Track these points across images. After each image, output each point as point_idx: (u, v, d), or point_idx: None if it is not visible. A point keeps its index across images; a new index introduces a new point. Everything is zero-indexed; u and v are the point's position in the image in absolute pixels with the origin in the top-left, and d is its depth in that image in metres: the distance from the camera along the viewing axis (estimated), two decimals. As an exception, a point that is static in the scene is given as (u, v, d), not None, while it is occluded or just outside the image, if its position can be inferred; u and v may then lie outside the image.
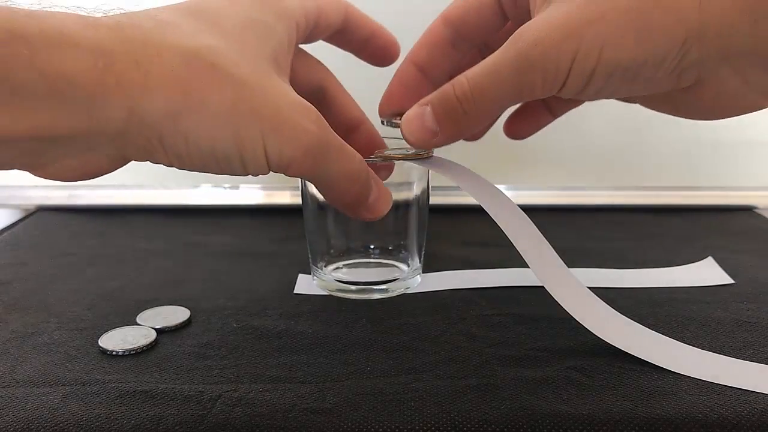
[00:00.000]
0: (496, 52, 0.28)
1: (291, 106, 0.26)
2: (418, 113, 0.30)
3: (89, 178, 0.26)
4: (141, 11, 0.25)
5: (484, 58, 0.31)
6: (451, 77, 0.34)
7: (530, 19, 0.29)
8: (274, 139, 0.25)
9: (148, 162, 0.26)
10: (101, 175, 0.26)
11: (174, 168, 0.26)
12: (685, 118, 0.32)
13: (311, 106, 0.27)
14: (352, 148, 0.29)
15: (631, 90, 0.29)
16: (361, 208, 0.30)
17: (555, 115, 0.38)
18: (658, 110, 0.33)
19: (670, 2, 0.26)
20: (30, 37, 0.21)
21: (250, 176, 0.27)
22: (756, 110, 0.30)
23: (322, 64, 0.35)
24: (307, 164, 0.27)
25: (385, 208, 0.31)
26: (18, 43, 0.20)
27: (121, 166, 0.26)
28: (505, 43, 0.28)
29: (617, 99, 0.33)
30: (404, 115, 0.31)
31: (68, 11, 0.23)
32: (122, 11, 0.25)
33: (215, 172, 0.26)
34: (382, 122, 0.35)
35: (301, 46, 0.33)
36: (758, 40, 0.26)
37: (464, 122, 0.30)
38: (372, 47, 0.35)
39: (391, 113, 0.35)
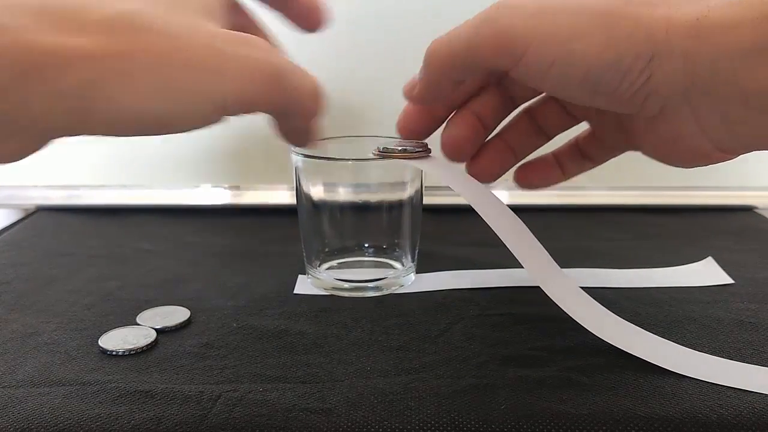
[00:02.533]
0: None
1: (231, 41, 0.24)
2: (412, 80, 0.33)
3: (16, 159, 0.24)
4: None
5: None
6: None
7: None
8: (221, 80, 0.24)
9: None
10: (29, 154, 0.24)
11: (108, 135, 0.24)
12: (646, 154, 0.33)
13: (253, 36, 0.26)
14: (300, 66, 0.27)
15: (593, 99, 0.29)
16: (310, 135, 0.30)
17: (566, 173, 0.38)
18: (618, 149, 0.36)
19: (640, 18, 0.27)
20: None
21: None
22: (710, 163, 0.30)
23: (249, 11, 0.33)
24: (270, 94, 0.25)
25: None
26: None
27: (47, 144, 0.24)
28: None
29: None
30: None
31: None
32: None
33: (156, 132, 0.24)
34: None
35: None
36: (717, 79, 0.26)
37: (426, 80, 0.31)
38: (295, 6, 0.33)
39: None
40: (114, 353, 0.32)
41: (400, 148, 0.34)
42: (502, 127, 0.37)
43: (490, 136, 0.36)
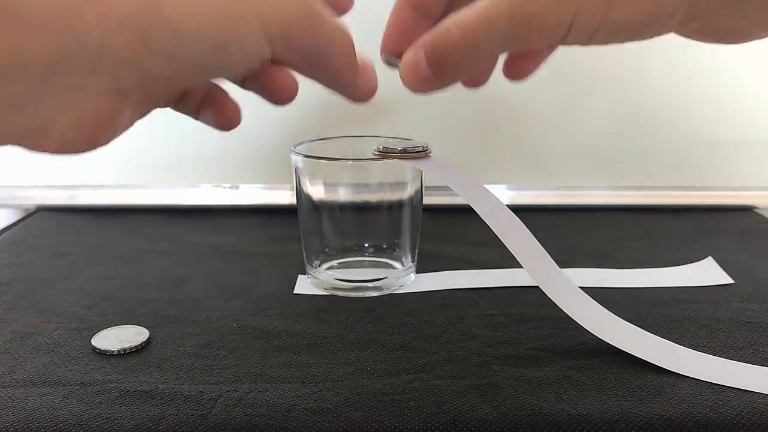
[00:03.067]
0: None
1: None
2: (413, 61, 0.29)
3: (97, 139, 0.24)
4: None
5: None
6: (446, 8, 0.33)
7: None
8: (264, 4, 0.24)
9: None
10: (104, 129, 0.24)
11: (170, 79, 0.24)
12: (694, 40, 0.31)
13: None
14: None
15: (638, 38, 0.28)
16: (359, 78, 0.29)
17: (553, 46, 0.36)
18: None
19: None
20: None
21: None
22: (760, 38, 0.29)
23: None
24: (305, 28, 0.26)
25: (375, 81, 0.30)
26: None
27: (119, 112, 0.24)
28: None
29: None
30: (401, 61, 0.30)
31: None
32: None
33: (214, 67, 0.25)
34: (384, 62, 0.34)
35: None
36: None
37: (456, 71, 0.29)
38: None
39: (391, 53, 0.34)
40: (108, 353, 0.32)
41: (400, 147, 0.34)
42: None
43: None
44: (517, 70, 0.35)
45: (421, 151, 0.35)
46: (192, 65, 0.24)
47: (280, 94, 0.31)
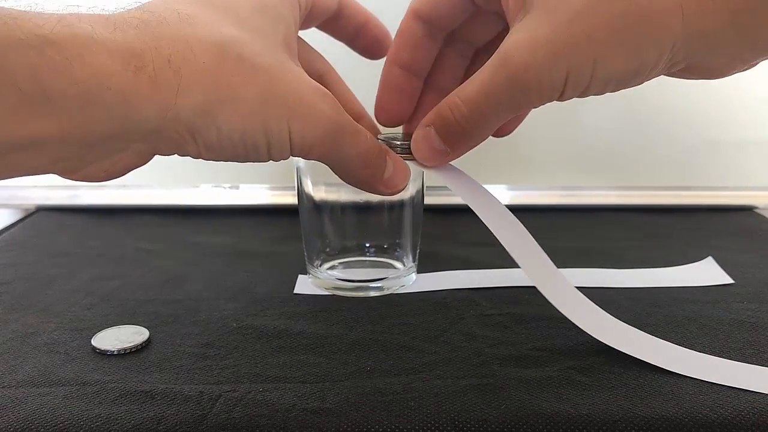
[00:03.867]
0: (486, 71, 0.28)
1: (310, 91, 0.27)
2: (425, 136, 0.31)
3: (118, 177, 0.27)
4: (159, 3, 0.25)
5: (459, 47, 0.32)
6: (432, 68, 0.35)
7: (499, 4, 0.30)
8: (298, 124, 0.26)
9: (154, 160, 0.26)
10: (129, 171, 0.27)
11: (200, 159, 0.27)
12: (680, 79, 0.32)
13: (326, 89, 0.28)
14: (365, 129, 0.30)
15: (627, 86, 0.29)
16: (378, 184, 0.31)
17: None
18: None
19: (654, 17, 0.26)
20: (61, 43, 0.21)
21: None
22: (750, 68, 0.30)
23: (321, 55, 0.36)
24: (326, 146, 0.28)
25: (402, 183, 0.32)
26: (50, 49, 0.20)
27: (148, 161, 0.27)
28: (492, 63, 0.28)
29: None
30: (412, 139, 0.32)
31: (89, 11, 0.23)
32: (140, 3, 0.25)
33: (240, 160, 0.27)
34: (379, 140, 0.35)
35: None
36: (739, 30, 0.26)
37: (469, 139, 0.30)
38: (365, 37, 0.36)
39: (384, 112, 0.35)
40: (108, 353, 0.32)
41: (400, 141, 0.34)
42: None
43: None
44: (501, 129, 0.36)
45: None
46: (223, 157, 0.27)
47: (369, 52, 0.36)
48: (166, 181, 0.59)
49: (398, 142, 0.34)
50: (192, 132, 0.25)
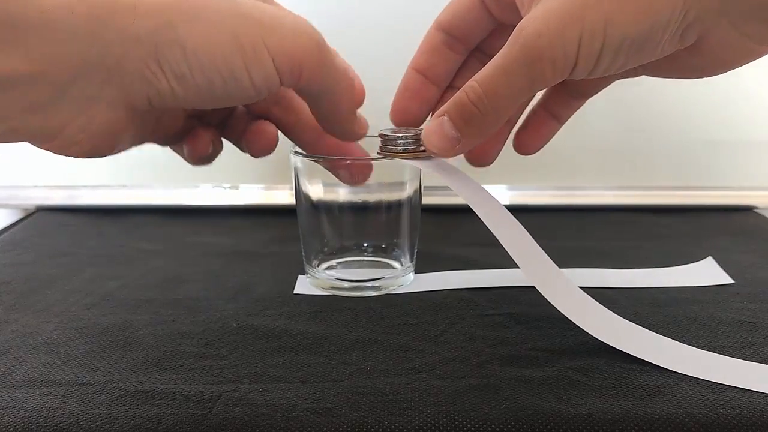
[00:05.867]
0: (502, 51, 0.28)
1: (285, 13, 0.27)
2: (437, 125, 0.31)
3: (101, 147, 0.26)
4: None
5: (481, 58, 0.31)
6: (453, 79, 0.36)
7: (518, 16, 0.30)
8: (275, 39, 0.25)
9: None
10: (110, 138, 0.26)
11: (179, 100, 0.25)
12: (687, 78, 0.32)
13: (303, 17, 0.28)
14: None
15: (640, 59, 0.29)
16: (355, 124, 0.31)
17: (561, 121, 0.38)
18: (661, 76, 0.33)
19: None
20: None
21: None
22: (755, 58, 0.30)
23: None
24: (315, 67, 0.27)
25: (365, 129, 0.33)
26: None
27: (126, 123, 0.26)
28: (508, 40, 0.28)
29: (625, 77, 0.33)
30: (423, 131, 0.32)
31: None
32: None
33: (223, 93, 0.26)
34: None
35: None
36: None
37: (483, 124, 0.30)
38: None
39: (399, 112, 0.36)
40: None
41: (399, 141, 0.34)
42: (542, 97, 0.37)
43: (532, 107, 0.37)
44: (524, 145, 0.37)
45: (422, 151, 0.35)
46: (201, 90, 0.25)
47: (257, 150, 0.35)
48: (166, 181, 0.59)
49: (400, 140, 0.34)
50: (156, 56, 0.24)
